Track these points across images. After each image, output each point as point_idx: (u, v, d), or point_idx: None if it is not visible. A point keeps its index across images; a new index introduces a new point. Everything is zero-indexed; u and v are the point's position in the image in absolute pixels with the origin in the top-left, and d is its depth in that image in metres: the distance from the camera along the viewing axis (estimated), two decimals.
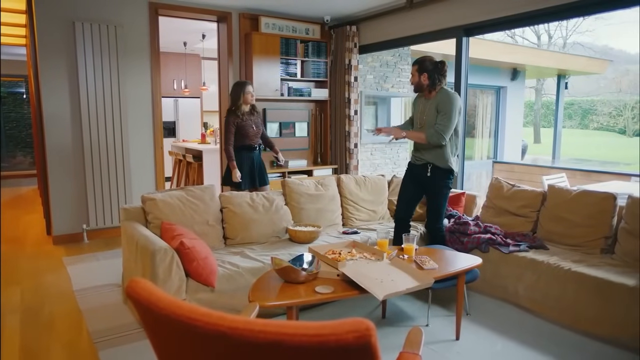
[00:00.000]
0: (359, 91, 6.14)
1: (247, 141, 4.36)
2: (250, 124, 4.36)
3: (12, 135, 10.24)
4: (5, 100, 10.10)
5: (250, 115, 4.37)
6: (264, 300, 2.17)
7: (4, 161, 10.14)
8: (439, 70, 3.36)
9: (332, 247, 2.93)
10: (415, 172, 3.51)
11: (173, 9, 5.08)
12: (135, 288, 1.07)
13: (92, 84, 4.61)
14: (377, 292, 2.22)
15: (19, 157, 10.29)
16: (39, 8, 4.40)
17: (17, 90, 10.16)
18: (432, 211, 3.49)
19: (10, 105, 10.17)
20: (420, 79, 3.38)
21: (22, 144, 10.27)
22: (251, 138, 4.38)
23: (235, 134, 4.30)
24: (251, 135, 4.37)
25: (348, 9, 5.50)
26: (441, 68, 3.38)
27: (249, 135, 4.35)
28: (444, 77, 3.39)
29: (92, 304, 3.22)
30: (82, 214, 4.76)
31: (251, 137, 4.37)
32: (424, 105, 3.44)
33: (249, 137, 4.35)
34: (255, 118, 4.39)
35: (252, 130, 4.37)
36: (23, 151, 10.29)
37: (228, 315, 0.95)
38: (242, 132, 4.33)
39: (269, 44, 5.50)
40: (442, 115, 3.27)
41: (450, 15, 4.65)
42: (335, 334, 0.88)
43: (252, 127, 4.36)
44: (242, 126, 4.33)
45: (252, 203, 3.55)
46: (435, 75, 3.35)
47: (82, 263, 4.11)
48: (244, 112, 4.33)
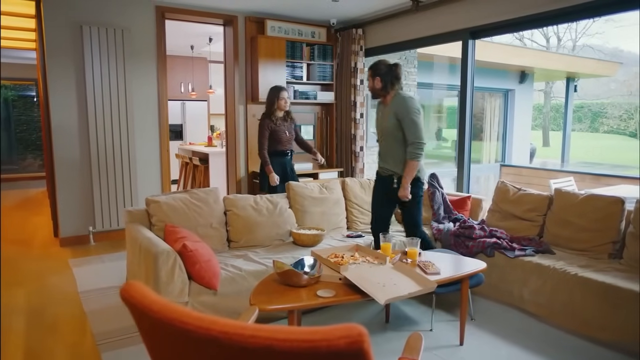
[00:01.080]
0: (365, 94, 6.12)
1: (280, 146, 4.45)
2: (283, 129, 4.45)
3: (23, 138, 10.36)
4: (16, 104, 10.21)
5: (283, 121, 4.46)
6: (265, 303, 2.16)
7: (15, 163, 10.25)
8: (392, 73, 3.24)
9: (335, 251, 2.91)
10: (383, 183, 3.39)
11: (179, 12, 5.11)
12: (130, 291, 1.07)
13: (99, 87, 4.65)
14: (379, 296, 2.20)
15: (28, 160, 10.39)
16: (48, 12, 4.44)
17: (28, 93, 10.27)
18: (407, 223, 3.41)
19: (21, 109, 10.29)
20: (373, 83, 3.29)
21: (32, 146, 10.38)
22: (284, 144, 4.47)
23: (270, 138, 4.40)
24: (284, 141, 4.46)
25: (354, 12, 5.50)
26: (395, 71, 3.25)
27: (282, 140, 4.43)
28: (397, 80, 3.26)
29: (96, 306, 3.24)
30: (88, 216, 4.80)
31: (284, 142, 4.46)
32: (382, 112, 3.34)
33: (281, 143, 4.44)
34: (288, 124, 4.48)
35: (284, 136, 4.46)
36: (33, 154, 10.39)
37: (220, 319, 0.94)
38: (275, 137, 4.42)
39: (275, 47, 5.51)
40: (406, 124, 3.14)
41: (456, 17, 4.63)
42: (327, 339, 0.87)
43: (285, 132, 4.45)
44: (276, 131, 4.41)
45: (256, 206, 3.54)
46: (387, 79, 3.23)
47: (87, 265, 4.14)
48: (277, 118, 4.41)
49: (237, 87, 5.54)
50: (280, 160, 4.52)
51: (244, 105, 5.62)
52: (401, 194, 3.22)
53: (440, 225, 3.91)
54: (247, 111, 5.63)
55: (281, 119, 4.46)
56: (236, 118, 5.58)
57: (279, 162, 4.51)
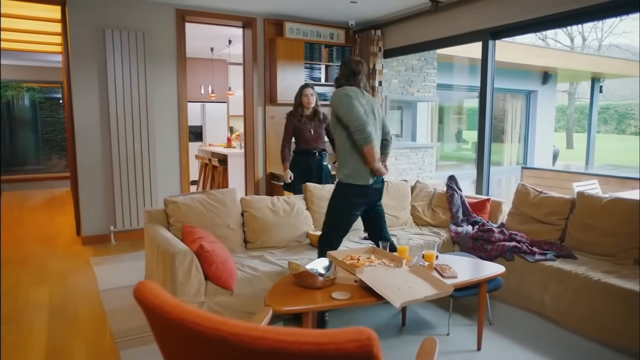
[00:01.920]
0: (384, 96, 6.10)
1: (304, 145, 4.44)
2: (308, 127, 4.41)
3: (49, 139, 10.63)
4: (43, 106, 10.49)
5: (310, 120, 4.42)
6: (280, 305, 2.17)
7: (41, 164, 10.54)
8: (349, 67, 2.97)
9: (350, 253, 2.90)
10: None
11: (199, 15, 5.17)
12: (142, 291, 1.08)
13: (120, 89, 4.74)
14: (394, 299, 2.18)
15: (54, 160, 10.66)
16: (72, 16, 4.55)
17: (54, 95, 10.54)
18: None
19: (47, 110, 10.56)
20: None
21: (58, 147, 10.64)
22: (308, 142, 4.43)
23: (295, 136, 4.40)
24: (308, 140, 4.42)
25: (373, 13, 5.48)
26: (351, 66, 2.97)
27: (305, 139, 4.42)
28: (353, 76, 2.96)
29: (115, 305, 3.29)
30: (109, 215, 4.89)
31: (308, 141, 4.42)
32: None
33: (305, 141, 4.42)
34: (316, 123, 4.41)
35: (308, 135, 4.42)
36: (58, 154, 10.65)
37: (230, 320, 0.95)
38: (298, 135, 4.43)
39: (293, 49, 5.53)
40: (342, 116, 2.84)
41: (476, 18, 4.57)
42: (335, 342, 0.86)
43: (309, 131, 4.41)
44: (299, 129, 4.42)
45: (273, 207, 3.56)
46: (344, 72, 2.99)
47: (108, 264, 4.21)
48: (303, 115, 4.39)
49: (255, 89, 5.58)
50: (304, 159, 4.47)
51: (262, 107, 5.65)
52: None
53: (458, 228, 3.87)
54: (266, 112, 5.66)
55: (307, 117, 4.41)
56: (255, 119, 5.62)
57: (302, 161, 4.48)
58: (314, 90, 4.42)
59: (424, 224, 4.18)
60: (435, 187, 4.40)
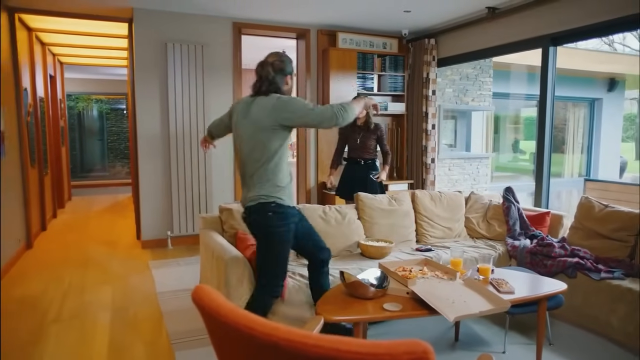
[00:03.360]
0: (437, 105, 6.00)
1: (350, 153, 4.57)
2: (355, 137, 4.50)
3: (113, 147, 11.28)
4: (109, 116, 11.18)
5: (359, 129, 4.48)
6: (331, 314, 2.17)
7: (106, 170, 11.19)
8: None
9: (403, 264, 2.86)
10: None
11: (255, 27, 5.33)
12: (200, 294, 1.12)
13: (179, 100, 4.95)
14: (447, 313, 2.12)
15: (117, 167, 11.29)
16: (138, 32, 4.83)
17: (119, 106, 11.19)
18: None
19: (113, 120, 11.23)
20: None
21: (121, 155, 11.26)
22: (354, 151, 4.53)
23: (346, 144, 4.56)
24: (354, 149, 4.53)
25: (427, 22, 5.42)
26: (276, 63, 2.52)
27: (351, 147, 4.55)
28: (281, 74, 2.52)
29: (172, 307, 3.42)
30: (167, 221, 5.10)
31: (354, 150, 4.53)
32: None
33: (351, 150, 4.55)
34: (366, 132, 4.46)
35: (355, 144, 4.52)
36: (121, 162, 11.27)
37: (284, 326, 0.96)
38: (347, 143, 4.59)
39: (346, 59, 5.57)
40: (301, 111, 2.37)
41: (535, 23, 4.41)
42: (390, 354, 0.85)
43: (356, 140, 4.50)
44: (346, 137, 4.58)
45: (325, 216, 3.57)
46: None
47: (165, 267, 4.38)
48: (353, 124, 4.43)
49: (308, 99, 5.65)
50: (349, 167, 4.60)
51: None
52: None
53: (515, 242, 3.71)
54: None
55: (358, 126, 4.48)
56: (307, 129, 5.69)
57: (347, 169, 4.62)
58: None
59: (479, 236, 4.06)
60: (491, 198, 4.26)
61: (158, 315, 3.28)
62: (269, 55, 2.54)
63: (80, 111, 10.92)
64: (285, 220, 2.40)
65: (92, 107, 11.01)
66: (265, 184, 2.38)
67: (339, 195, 4.72)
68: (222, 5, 4.73)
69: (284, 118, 2.34)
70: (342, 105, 2.41)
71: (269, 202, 2.37)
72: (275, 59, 2.50)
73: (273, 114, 2.34)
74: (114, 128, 11.25)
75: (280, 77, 2.49)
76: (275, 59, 2.50)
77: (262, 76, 2.48)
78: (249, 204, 2.42)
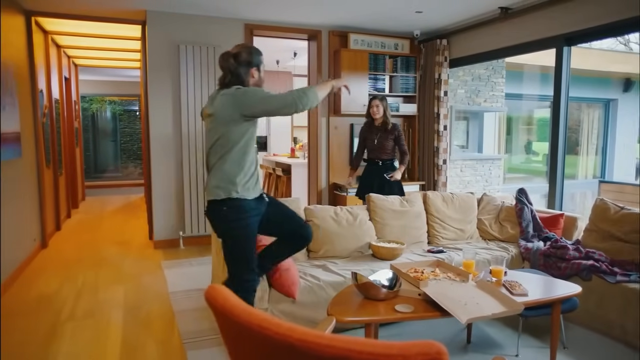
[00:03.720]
0: (449, 106, 5.96)
1: (369, 154, 4.59)
2: (372, 137, 4.52)
3: (126, 149, 11.40)
4: (122, 117, 11.30)
5: (377, 129, 4.50)
6: (342, 314, 2.17)
7: (119, 171, 11.31)
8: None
9: (414, 266, 2.85)
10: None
11: (267, 29, 5.35)
12: (213, 294, 1.12)
13: (192, 101, 4.99)
14: (459, 315, 2.11)
15: (130, 168, 11.40)
16: (151, 34, 4.87)
17: (132, 108, 11.31)
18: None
19: (126, 122, 11.35)
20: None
21: (134, 156, 11.37)
22: (372, 152, 4.56)
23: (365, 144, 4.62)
24: (371, 149, 4.55)
25: (438, 23, 5.39)
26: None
27: (368, 148, 4.57)
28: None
29: (184, 306, 3.44)
30: (179, 221, 5.13)
31: (372, 150, 4.55)
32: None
33: (369, 150, 4.57)
34: (382, 133, 4.46)
35: (372, 144, 4.54)
36: (134, 163, 11.38)
37: (298, 327, 0.96)
38: (364, 143, 4.60)
39: (358, 60, 5.56)
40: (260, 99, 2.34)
41: (549, 23, 4.37)
42: (404, 355, 0.85)
43: (373, 141, 4.52)
44: (365, 138, 4.60)
45: (336, 217, 3.57)
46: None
47: (177, 267, 4.41)
48: (370, 124, 4.52)
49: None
50: (367, 167, 4.62)
51: (326, 118, 5.72)
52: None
53: (528, 244, 3.68)
54: (330, 123, 5.72)
55: (376, 127, 4.49)
56: (318, 130, 5.70)
57: (366, 169, 4.64)
58: (382, 102, 4.45)
59: (491, 238, 4.02)
60: (503, 200, 4.23)
61: (170, 315, 3.30)
62: (234, 47, 2.49)
63: (94, 112, 11.06)
64: (242, 214, 2.35)
65: (106, 109, 11.15)
66: (223, 177, 2.34)
67: (357, 196, 4.73)
68: (234, 7, 4.76)
69: (244, 107, 2.30)
70: (303, 89, 2.34)
71: (224, 197, 2.33)
72: (240, 50, 2.45)
73: (232, 104, 2.31)
74: (127, 129, 11.37)
75: (245, 69, 2.44)
76: (239, 50, 2.45)
77: (224, 68, 2.44)
78: (208, 197, 2.41)
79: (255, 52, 2.50)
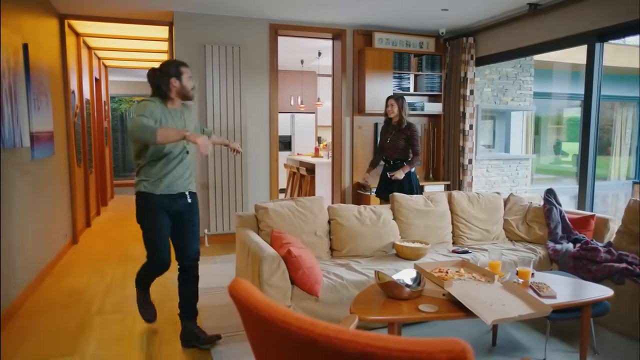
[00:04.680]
0: (475, 105, 5.88)
1: (384, 153, 4.58)
2: (386, 136, 4.52)
3: None
4: None
5: (392, 128, 4.48)
6: (365, 313, 2.16)
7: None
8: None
9: (439, 265, 2.81)
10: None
11: (291, 29, 5.37)
12: (237, 288, 1.13)
13: (217, 101, 5.05)
14: (485, 316, 2.07)
15: None
16: (178, 35, 4.96)
17: None
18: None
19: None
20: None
21: None
22: (385, 151, 4.54)
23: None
24: (385, 148, 4.54)
25: (465, 20, 5.32)
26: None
27: (383, 147, 4.57)
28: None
29: (208, 303, 3.48)
30: (204, 219, 5.20)
31: (385, 149, 4.53)
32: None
33: (384, 149, 4.56)
34: (397, 132, 4.43)
35: (385, 143, 4.54)
36: None
37: (320, 322, 0.96)
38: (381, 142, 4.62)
39: (382, 59, 5.53)
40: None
41: (580, 19, 4.25)
42: (428, 352, 0.84)
43: (386, 139, 4.51)
44: (382, 137, 4.61)
45: (360, 216, 3.56)
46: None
47: (201, 264, 4.42)
48: (388, 124, 4.53)
49: (344, 99, 5.65)
50: (384, 167, 4.61)
51: (350, 117, 5.71)
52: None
53: (557, 246, 3.59)
54: (354, 123, 5.71)
55: (392, 126, 4.47)
56: (342, 130, 5.69)
57: (383, 169, 4.63)
58: (397, 101, 4.40)
59: (518, 239, 3.94)
60: (531, 200, 4.13)
61: None
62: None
63: (123, 112, 11.32)
64: (148, 204, 2.75)
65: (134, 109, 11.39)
66: (138, 175, 2.80)
67: (376, 195, 4.73)
68: (259, 7, 4.79)
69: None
70: (141, 122, 2.47)
71: (138, 190, 2.80)
72: (161, 65, 2.72)
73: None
74: None
75: (165, 80, 2.67)
76: (161, 65, 2.73)
77: (150, 83, 2.74)
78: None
79: (174, 64, 2.72)
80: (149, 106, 2.64)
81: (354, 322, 1.85)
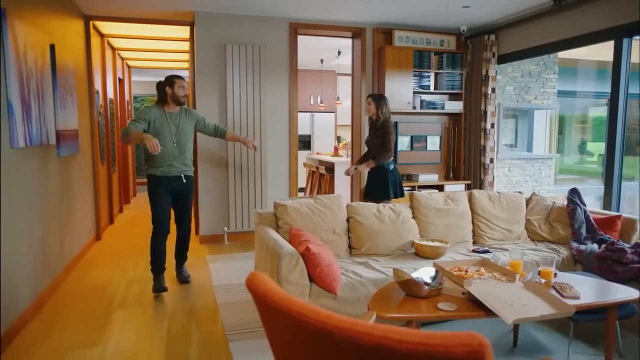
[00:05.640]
0: (497, 103, 5.79)
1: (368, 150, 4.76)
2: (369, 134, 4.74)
3: None
4: None
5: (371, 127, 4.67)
6: (383, 310, 2.14)
7: None
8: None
9: (458, 264, 2.78)
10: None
11: (311, 27, 5.38)
12: (254, 280, 1.14)
13: (237, 100, 5.10)
14: (505, 316, 2.04)
15: None
16: (199, 34, 5.02)
17: None
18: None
19: None
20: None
21: None
22: (367, 147, 4.73)
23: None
24: (367, 145, 4.73)
25: (486, 18, 5.24)
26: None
27: (366, 143, 4.77)
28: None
29: (227, 299, 3.52)
30: (223, 217, 5.25)
31: (367, 146, 4.73)
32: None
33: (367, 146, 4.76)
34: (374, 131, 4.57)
35: (367, 141, 4.74)
36: None
37: (336, 315, 0.96)
38: None
39: (402, 57, 5.50)
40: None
41: (606, 13, 4.15)
42: (445, 345, 0.83)
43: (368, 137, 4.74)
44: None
45: (379, 214, 3.54)
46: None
47: (221, 262, 4.52)
48: (369, 121, 4.73)
49: (363, 98, 5.63)
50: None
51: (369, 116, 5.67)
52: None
53: (581, 246, 3.51)
54: None
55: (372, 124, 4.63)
56: (362, 129, 5.67)
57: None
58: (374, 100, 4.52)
59: (540, 239, 3.87)
60: (554, 200, 4.05)
61: (214, 307, 3.39)
62: None
63: None
64: (152, 181, 3.65)
65: None
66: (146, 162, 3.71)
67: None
68: (279, 6, 4.82)
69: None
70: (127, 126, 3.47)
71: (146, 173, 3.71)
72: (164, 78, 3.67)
73: None
74: None
75: (162, 88, 3.65)
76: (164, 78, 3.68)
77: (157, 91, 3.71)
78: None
79: (169, 76, 3.65)
80: (145, 111, 3.56)
81: (371, 319, 1.84)
